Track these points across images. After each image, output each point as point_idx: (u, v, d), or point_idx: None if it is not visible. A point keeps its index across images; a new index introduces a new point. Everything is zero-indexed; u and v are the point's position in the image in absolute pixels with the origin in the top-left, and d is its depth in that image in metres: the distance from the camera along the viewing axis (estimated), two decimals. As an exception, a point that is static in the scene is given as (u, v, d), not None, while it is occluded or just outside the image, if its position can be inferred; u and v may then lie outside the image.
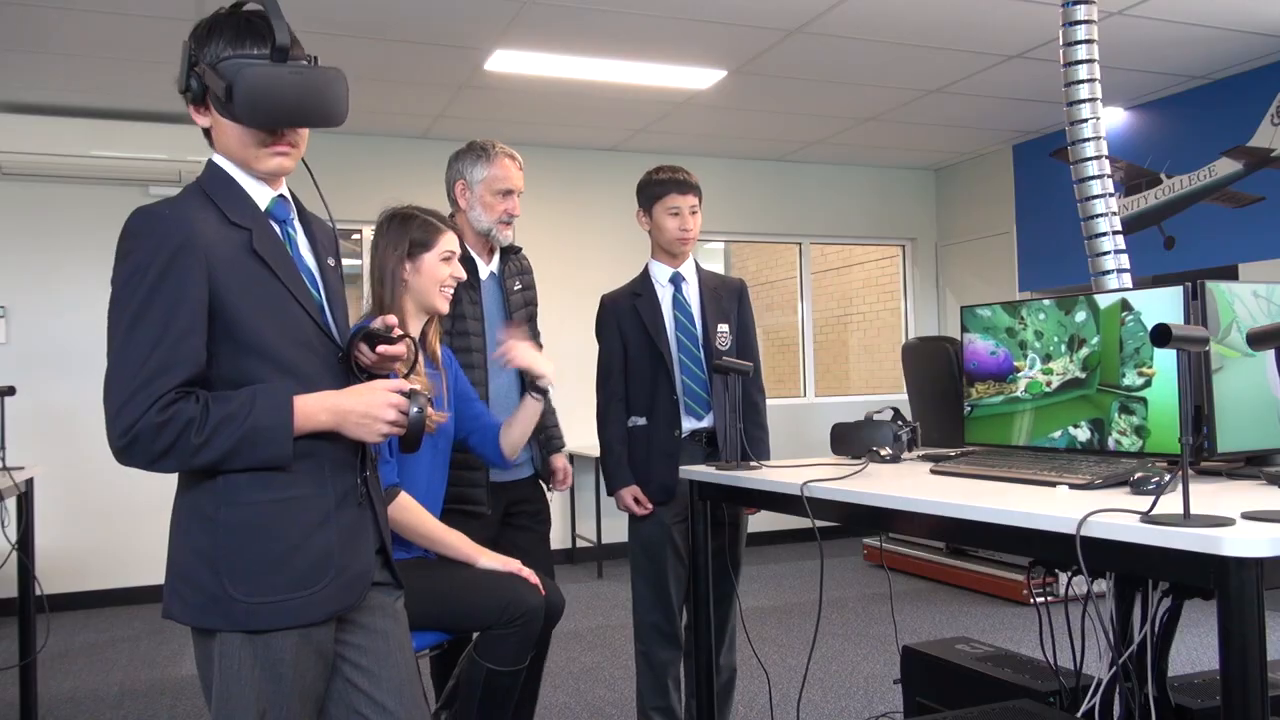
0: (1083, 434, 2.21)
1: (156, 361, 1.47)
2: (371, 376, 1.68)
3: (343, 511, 1.62)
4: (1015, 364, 2.41)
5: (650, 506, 2.92)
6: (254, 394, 1.53)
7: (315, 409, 1.57)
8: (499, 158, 2.72)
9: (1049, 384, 2.31)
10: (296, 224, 1.70)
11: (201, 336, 1.52)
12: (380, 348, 1.66)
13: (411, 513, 2.26)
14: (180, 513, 1.59)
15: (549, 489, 2.87)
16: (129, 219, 1.55)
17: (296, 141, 1.63)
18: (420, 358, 2.31)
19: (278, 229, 1.65)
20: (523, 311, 2.82)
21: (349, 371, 1.67)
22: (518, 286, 2.82)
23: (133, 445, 1.47)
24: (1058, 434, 2.26)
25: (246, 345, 1.55)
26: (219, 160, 1.64)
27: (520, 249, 2.91)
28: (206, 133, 1.65)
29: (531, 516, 2.78)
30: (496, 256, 2.80)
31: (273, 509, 1.55)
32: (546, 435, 2.84)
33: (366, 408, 1.59)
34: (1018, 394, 2.39)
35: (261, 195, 1.64)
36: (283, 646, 1.55)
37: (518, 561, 2.34)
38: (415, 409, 1.62)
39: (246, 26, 1.56)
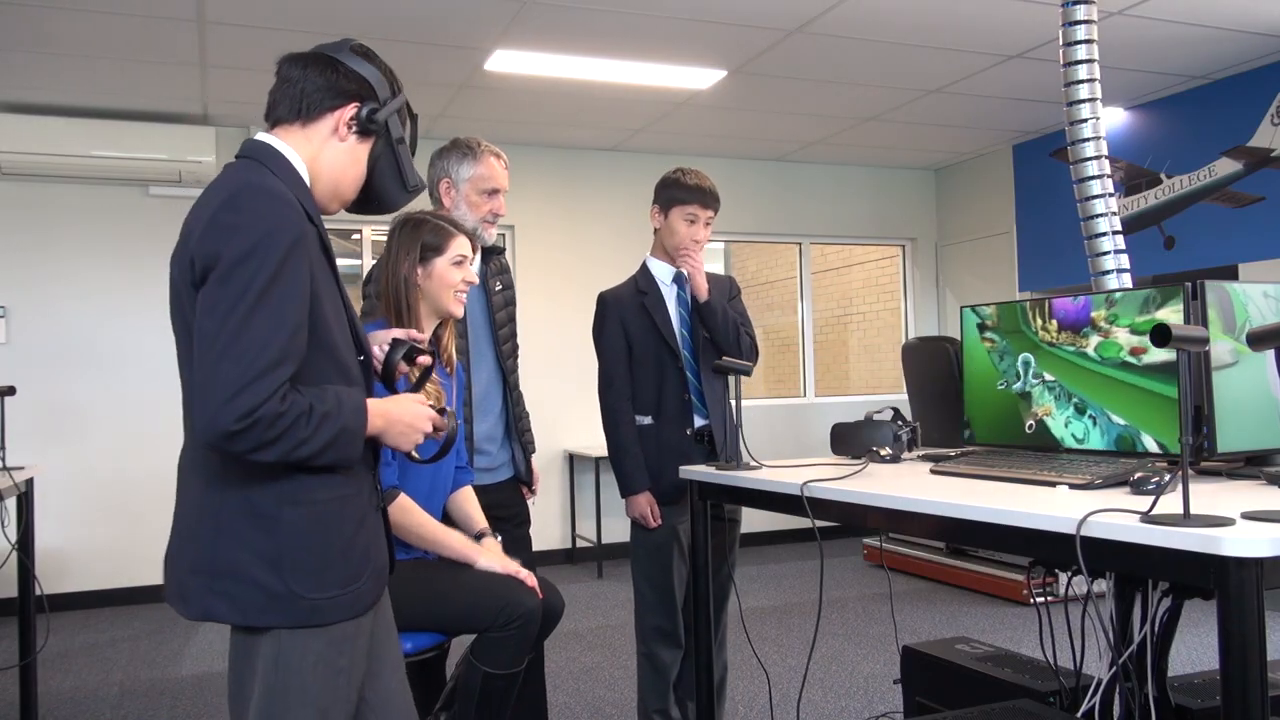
0: (1121, 421, 2.10)
1: (280, 350, 1.46)
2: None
3: (370, 509, 1.67)
4: (1093, 314, 2.23)
5: (660, 520, 2.89)
6: (339, 396, 1.54)
7: (373, 414, 1.60)
8: (485, 156, 2.68)
9: (1132, 351, 2.11)
10: None
11: (306, 330, 1.52)
12: (421, 359, 1.82)
13: (411, 514, 2.26)
14: (223, 511, 1.55)
15: (530, 491, 2.86)
16: (251, 192, 1.51)
17: None
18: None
19: None
20: (504, 312, 2.81)
21: (369, 376, 1.73)
22: (498, 287, 2.80)
23: (249, 430, 1.43)
24: (1106, 417, 2.23)
25: (319, 341, 1.56)
26: (286, 153, 1.62)
27: (502, 249, 2.89)
28: (286, 120, 1.65)
29: (510, 519, 2.77)
30: (478, 258, 2.78)
31: (332, 507, 1.58)
32: (525, 439, 2.83)
33: (412, 418, 1.66)
34: (1088, 351, 2.23)
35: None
36: (344, 638, 1.58)
37: (517, 563, 2.34)
38: (452, 424, 1.74)
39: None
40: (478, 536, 2.41)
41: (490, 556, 2.32)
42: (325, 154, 1.65)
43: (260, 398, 1.42)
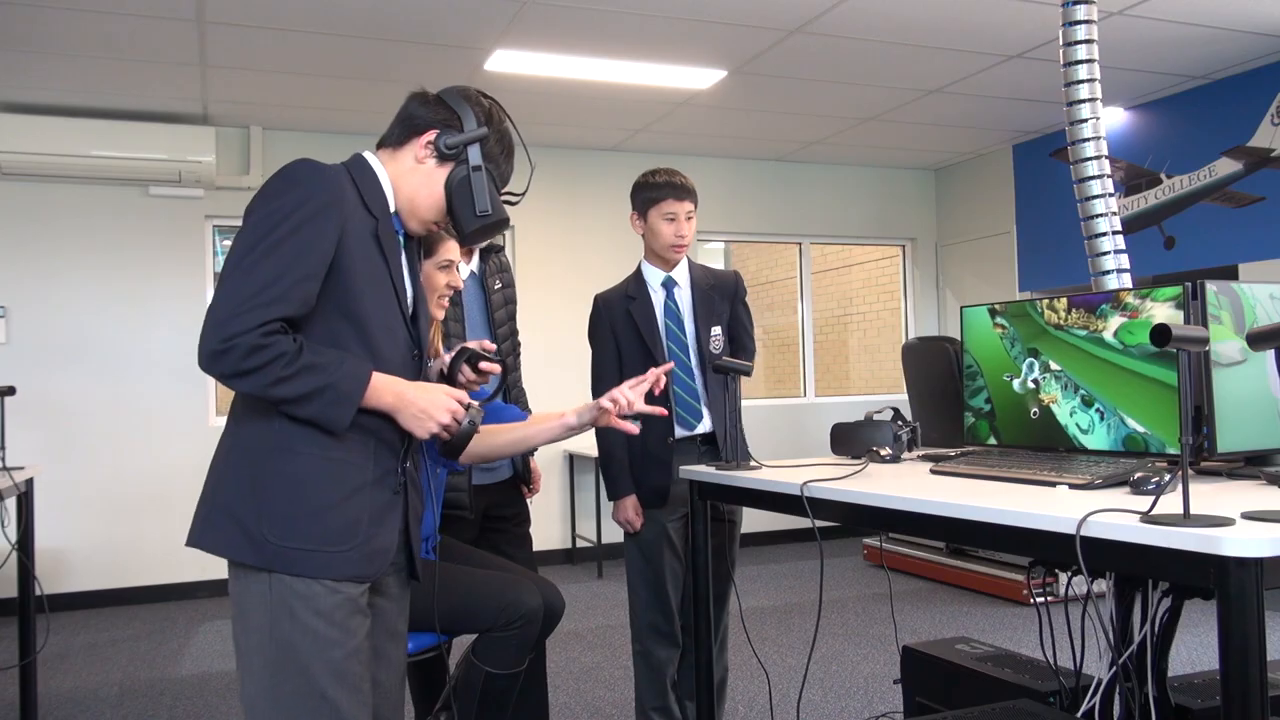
0: (1137, 427, 2.06)
1: (276, 290, 1.57)
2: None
3: (378, 489, 1.71)
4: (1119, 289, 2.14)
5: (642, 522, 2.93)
6: (343, 357, 1.64)
7: (384, 388, 1.67)
8: None
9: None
10: (403, 236, 1.84)
11: (318, 285, 1.63)
12: (483, 365, 1.93)
13: (484, 437, 2.18)
14: (230, 449, 1.69)
15: (528, 490, 2.86)
16: (296, 163, 1.67)
17: None
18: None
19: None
20: (503, 311, 2.81)
21: (421, 372, 1.82)
22: (498, 285, 2.80)
23: (226, 354, 1.55)
24: (1108, 417, 2.23)
25: (345, 310, 1.67)
26: (374, 163, 1.79)
27: (501, 248, 2.89)
28: (385, 144, 1.80)
29: (511, 518, 2.78)
30: (476, 256, 2.79)
31: (318, 465, 1.64)
32: None
33: (427, 404, 1.71)
34: (1104, 335, 2.14)
35: (391, 202, 1.79)
36: (333, 608, 1.63)
37: (598, 399, 2.20)
38: (468, 421, 1.76)
39: (511, 160, 1.86)
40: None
41: (580, 412, 2.21)
42: (405, 174, 1.78)
43: (244, 326, 1.54)
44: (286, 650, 1.61)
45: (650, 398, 2.88)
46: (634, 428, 2.18)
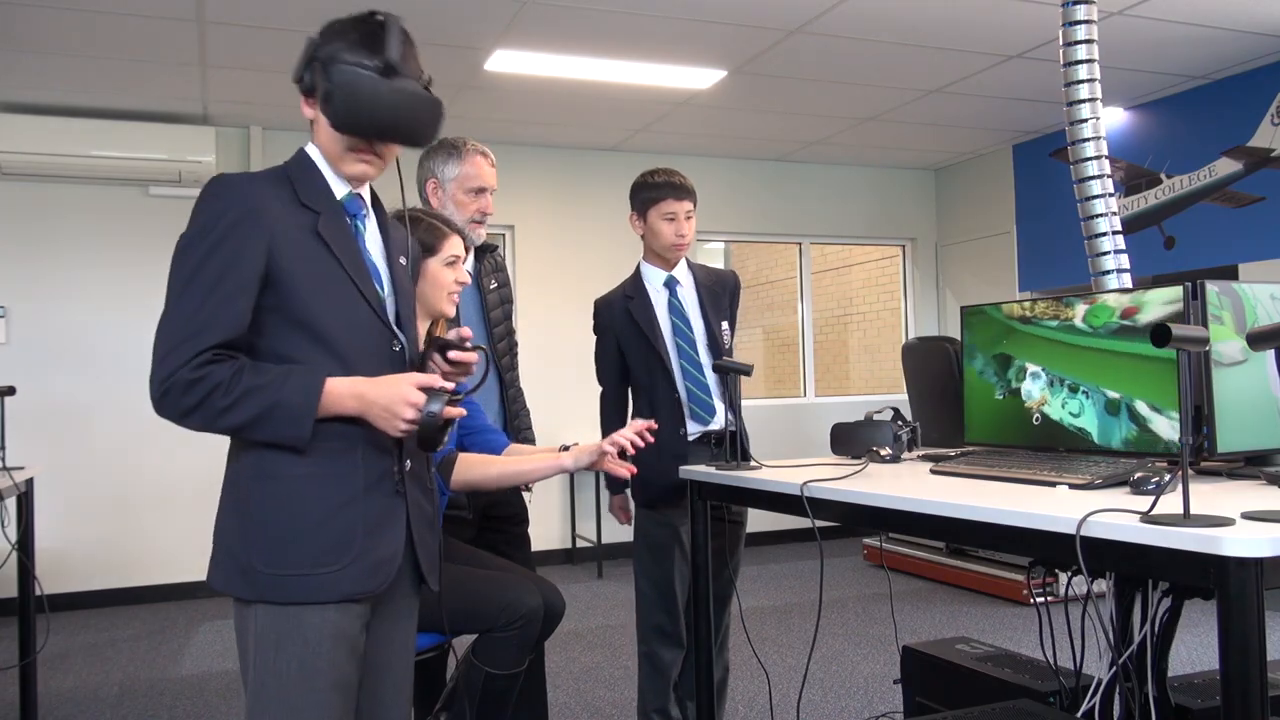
0: (1114, 395, 2.10)
1: (202, 318, 1.53)
2: None
3: (373, 495, 1.63)
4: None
5: (630, 520, 3.02)
6: (289, 371, 1.56)
7: (344, 394, 1.58)
8: (471, 155, 2.66)
9: (1124, 313, 2.08)
10: (368, 221, 1.75)
11: (249, 300, 1.56)
12: (453, 354, 1.72)
13: (474, 467, 2.21)
14: (225, 484, 1.65)
15: (526, 489, 2.85)
16: (210, 181, 1.62)
17: (382, 153, 1.69)
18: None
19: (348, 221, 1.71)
20: (500, 310, 2.80)
21: (404, 366, 1.71)
22: (493, 285, 2.79)
23: (166, 396, 1.53)
24: (1091, 391, 2.23)
25: (297, 320, 1.59)
26: (309, 150, 1.71)
27: (496, 247, 2.89)
28: (312, 122, 1.71)
29: (509, 518, 2.78)
30: (471, 256, 2.78)
31: (301, 484, 1.58)
32: (522, 437, 2.83)
33: (388, 402, 1.58)
34: (1075, 322, 2.21)
35: (339, 188, 1.70)
36: (319, 637, 1.56)
37: (601, 442, 2.23)
38: (429, 409, 1.58)
39: (367, 37, 1.62)
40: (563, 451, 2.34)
41: (578, 456, 2.23)
42: (320, 139, 1.69)
43: (174, 365, 1.52)
44: (273, 681, 1.56)
45: (658, 396, 2.93)
46: (628, 472, 2.23)
